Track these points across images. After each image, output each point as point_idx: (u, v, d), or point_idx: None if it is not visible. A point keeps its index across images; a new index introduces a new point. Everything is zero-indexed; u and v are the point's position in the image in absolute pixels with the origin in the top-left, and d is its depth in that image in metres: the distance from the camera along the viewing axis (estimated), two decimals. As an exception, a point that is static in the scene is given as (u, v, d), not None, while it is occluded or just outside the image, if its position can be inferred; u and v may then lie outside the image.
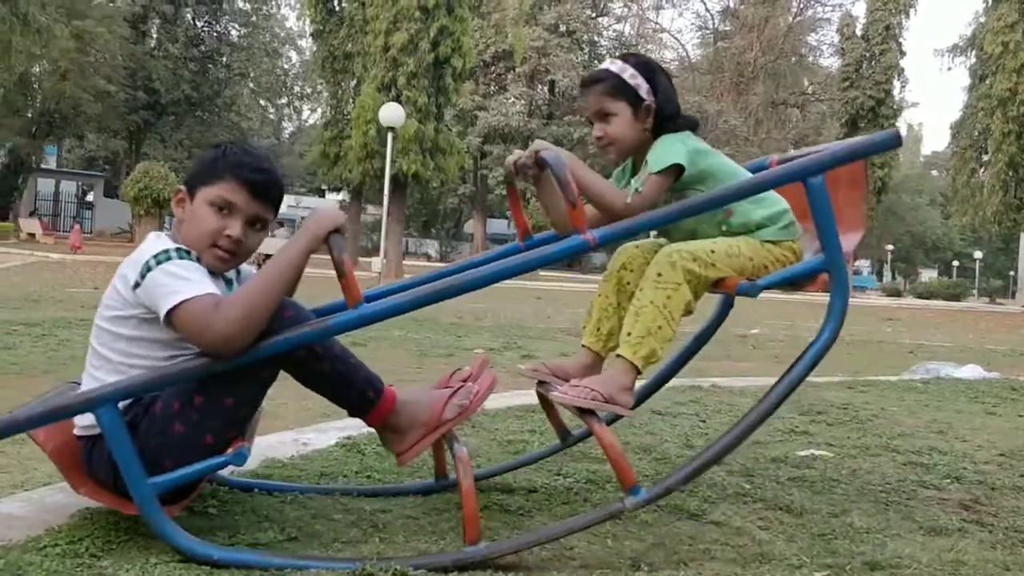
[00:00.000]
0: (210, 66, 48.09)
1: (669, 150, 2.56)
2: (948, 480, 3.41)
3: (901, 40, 48.68)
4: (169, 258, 2.20)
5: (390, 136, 22.84)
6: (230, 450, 2.23)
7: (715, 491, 3.08)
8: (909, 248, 76.20)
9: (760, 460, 3.59)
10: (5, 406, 4.20)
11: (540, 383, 2.78)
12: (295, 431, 3.56)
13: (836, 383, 6.35)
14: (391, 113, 22.82)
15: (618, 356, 2.50)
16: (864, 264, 71.76)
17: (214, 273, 2.33)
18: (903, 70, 49.13)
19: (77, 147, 52.31)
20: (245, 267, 2.55)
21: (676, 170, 2.54)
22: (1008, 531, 2.77)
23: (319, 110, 53.27)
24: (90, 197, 51.33)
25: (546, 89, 56.53)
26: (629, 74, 2.65)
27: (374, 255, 34.09)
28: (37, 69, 37.47)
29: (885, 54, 47.43)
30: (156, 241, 2.29)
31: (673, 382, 3.44)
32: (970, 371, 7.61)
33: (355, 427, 3.73)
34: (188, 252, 2.26)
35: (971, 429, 4.64)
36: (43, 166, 46.35)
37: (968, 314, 32.82)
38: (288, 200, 67.68)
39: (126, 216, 36.76)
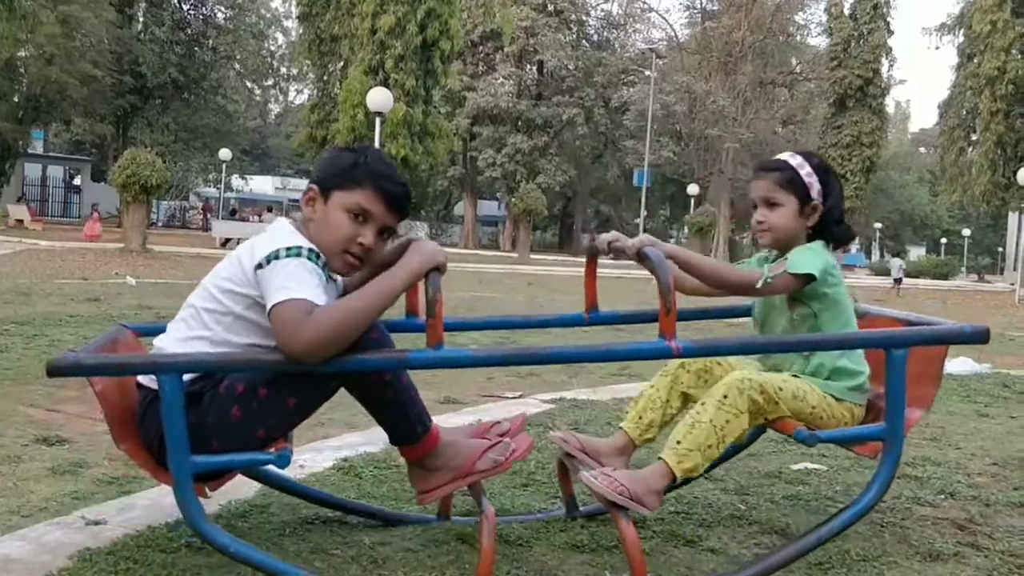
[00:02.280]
0: (196, 49, 47.69)
1: (811, 259, 2.63)
2: (942, 496, 3.43)
3: (889, 19, 48.66)
4: (300, 255, 2.21)
5: (378, 121, 22.78)
6: (273, 449, 2.25)
7: (710, 513, 3.10)
8: (898, 226, 76.39)
9: (754, 475, 3.61)
10: (2, 418, 4.20)
11: (566, 455, 2.79)
12: (295, 451, 3.55)
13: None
14: (379, 98, 22.74)
15: (660, 459, 2.51)
16: (853, 243, 71.89)
17: (330, 278, 2.34)
18: (891, 49, 49.16)
19: (64, 131, 51.96)
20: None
21: (808, 279, 2.60)
22: (1004, 555, 2.79)
23: (306, 91, 53.03)
24: (77, 181, 51.10)
25: (535, 69, 56.31)
26: (806, 172, 2.73)
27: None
28: (23, 54, 37.13)
29: (873, 33, 47.39)
30: (292, 233, 2.29)
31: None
32: (961, 364, 7.64)
33: (350, 447, 3.74)
34: (318, 256, 2.26)
35: (964, 434, 4.66)
36: (30, 151, 46.05)
37: (957, 293, 32.99)
38: (275, 182, 67.75)
39: (114, 200, 36.59)
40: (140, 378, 2.34)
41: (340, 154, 2.44)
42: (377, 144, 22.84)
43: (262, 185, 66.55)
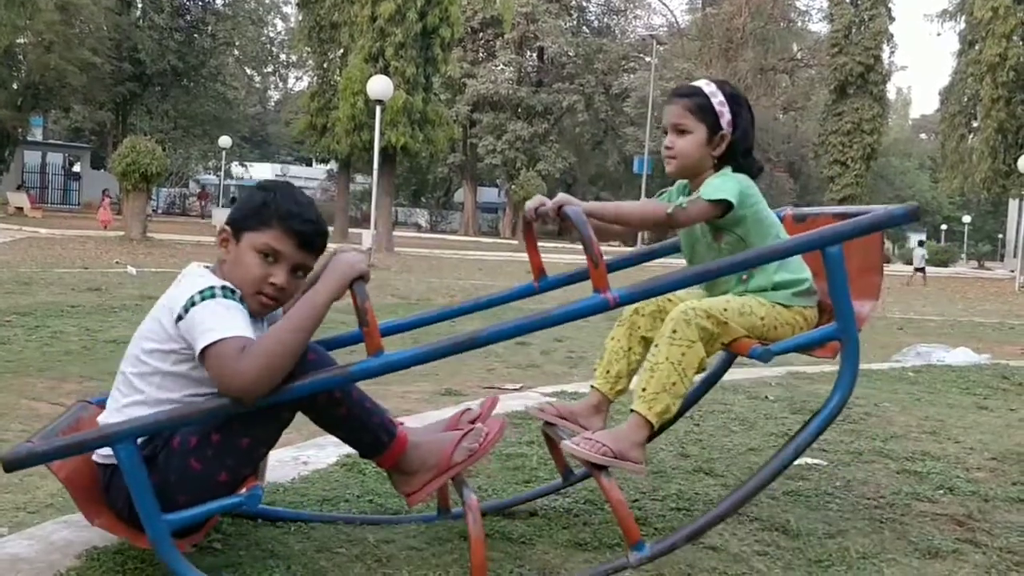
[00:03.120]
0: (195, 36, 47.57)
1: (725, 185, 2.63)
2: (941, 491, 3.45)
3: (890, 5, 48.49)
4: (214, 296, 2.21)
5: (378, 109, 22.74)
6: (244, 489, 2.26)
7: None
8: (898, 212, 76.21)
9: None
10: (5, 412, 4.23)
11: (547, 424, 2.84)
12: (294, 448, 3.58)
13: (828, 373, 6.38)
14: (379, 86, 22.71)
15: (632, 411, 2.54)
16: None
17: (254, 317, 2.34)
18: (892, 35, 49.01)
19: (63, 118, 51.87)
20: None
21: (724, 206, 2.61)
22: (1002, 552, 2.81)
23: (305, 78, 52.89)
24: (77, 168, 51.03)
25: (535, 56, 56.21)
26: (718, 100, 2.73)
27: (363, 225, 34.08)
28: (22, 41, 37.05)
29: (874, 19, 47.23)
30: (201, 276, 2.31)
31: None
32: (961, 355, 7.68)
33: (354, 443, 3.76)
34: (233, 291, 2.26)
35: (963, 428, 4.68)
36: (29, 138, 45.99)
37: (957, 281, 33.00)
38: (275, 169, 67.63)
39: (114, 188, 36.55)
40: (96, 456, 2.34)
41: (252, 194, 2.44)
42: (377, 132, 22.82)
43: (262, 172, 66.41)
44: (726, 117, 2.72)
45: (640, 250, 3.35)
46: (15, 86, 38.98)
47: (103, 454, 2.32)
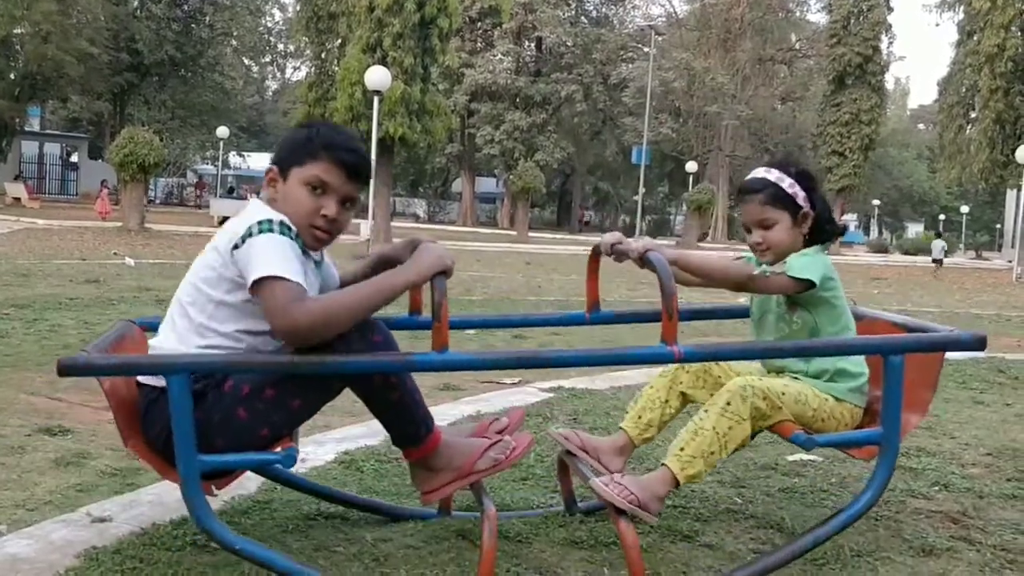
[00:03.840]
0: (193, 26, 47.47)
1: (811, 264, 2.66)
2: (937, 488, 3.48)
3: (889, -5, 48.43)
4: (271, 230, 2.22)
5: (376, 100, 22.71)
6: (279, 448, 2.28)
7: (707, 507, 3.14)
8: (896, 202, 76.37)
9: (750, 468, 3.65)
10: (3, 407, 4.23)
11: (567, 453, 2.85)
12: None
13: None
14: (377, 76, 22.67)
15: (664, 465, 2.56)
16: (851, 219, 71.93)
17: (306, 253, 2.35)
18: (891, 26, 48.97)
19: (60, 109, 51.80)
20: (327, 259, 2.56)
21: (807, 284, 2.63)
22: (996, 550, 2.83)
23: (303, 68, 52.77)
24: (74, 159, 50.96)
25: (533, 46, 56.10)
26: (787, 184, 2.74)
27: (361, 216, 34.00)
28: (19, 31, 36.98)
29: (873, 10, 47.17)
30: (261, 209, 2.31)
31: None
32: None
33: (351, 440, 3.78)
34: (290, 228, 2.27)
35: (959, 423, 4.71)
36: (27, 129, 45.92)
37: (954, 271, 33.00)
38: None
39: (112, 178, 36.51)
40: (141, 376, 2.36)
41: (295, 132, 2.47)
42: (375, 123, 22.80)
43: (260, 162, 66.21)
44: (801, 195, 2.74)
45: (703, 307, 3.42)
46: (12, 76, 38.96)
47: (151, 376, 2.33)
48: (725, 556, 2.70)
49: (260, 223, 2.22)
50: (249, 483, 3.09)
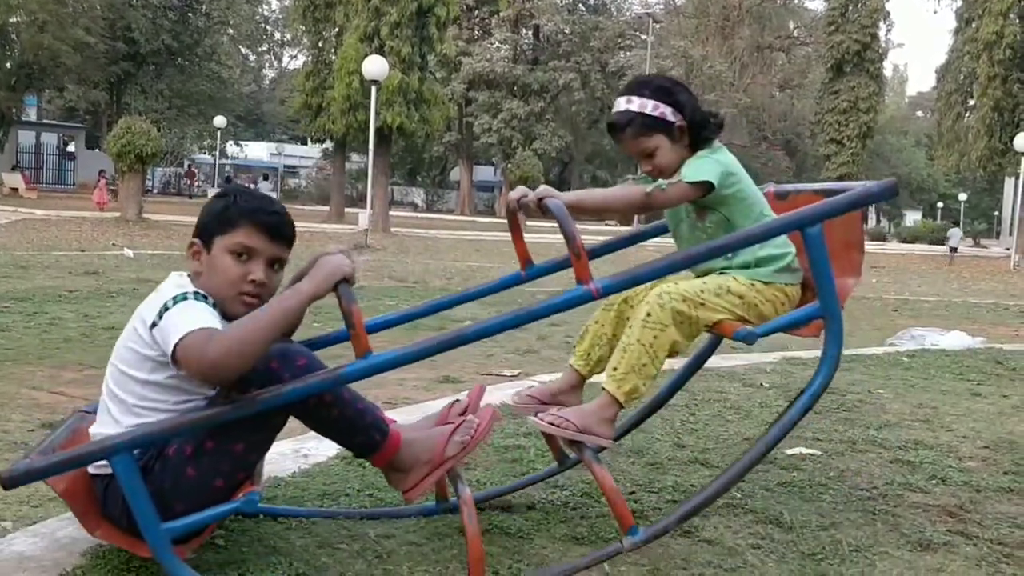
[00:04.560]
0: (189, 15, 47.34)
1: (703, 167, 2.64)
2: (934, 481, 3.50)
3: (887, -18, 48.33)
4: (186, 298, 2.24)
5: (374, 90, 22.69)
6: (240, 495, 2.28)
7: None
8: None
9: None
10: (5, 401, 4.25)
11: (534, 412, 2.85)
12: (294, 440, 3.60)
13: (823, 359, 6.42)
14: (374, 66, 22.65)
15: (602, 389, 2.59)
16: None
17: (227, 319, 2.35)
18: (888, 13, 48.89)
19: (57, 98, 51.69)
20: None
21: (706, 186, 2.63)
22: (992, 544, 2.86)
23: (300, 56, 52.64)
24: (71, 148, 50.87)
25: (531, 34, 56.01)
26: (651, 107, 2.71)
27: (359, 205, 33.97)
28: (15, 20, 36.86)
29: (871, -3, 47.09)
30: (175, 283, 2.32)
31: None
32: (955, 339, 7.72)
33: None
34: (205, 297, 2.28)
35: (956, 415, 4.73)
36: (23, 118, 45.82)
37: (949, 259, 33.02)
38: (270, 148, 67.40)
39: (109, 168, 36.47)
40: (91, 468, 2.35)
41: (212, 203, 2.45)
42: (373, 112, 22.79)
43: (257, 151, 66.29)
44: (668, 111, 2.70)
45: (625, 234, 3.29)
46: (8, 65, 38.87)
47: (97, 464, 2.33)
48: (724, 551, 2.72)
49: (175, 297, 2.23)
50: (252, 479, 3.11)
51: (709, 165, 2.64)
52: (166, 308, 2.22)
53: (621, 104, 2.76)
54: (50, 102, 53.79)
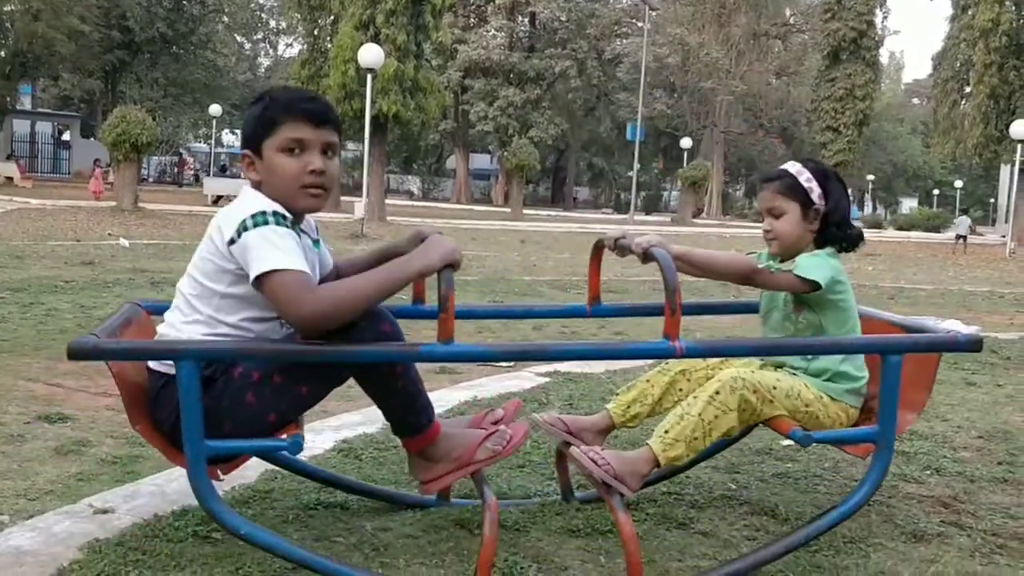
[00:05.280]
0: (184, 3, 47.17)
1: (820, 265, 2.69)
2: (928, 472, 3.52)
3: (884, -31, 48.22)
4: (267, 222, 2.21)
5: (369, 78, 22.62)
6: (285, 435, 2.32)
7: (702, 493, 3.18)
8: (890, 177, 76.31)
9: (745, 452, 3.69)
10: (2, 393, 4.25)
11: (564, 442, 2.87)
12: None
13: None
14: (370, 55, 22.56)
15: (647, 444, 2.59)
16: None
17: (303, 233, 2.37)
18: (885, 0, 48.74)
19: (52, 87, 51.53)
20: (324, 245, 2.58)
21: (813, 285, 2.66)
22: (986, 535, 2.88)
23: (296, 44, 52.52)
24: (66, 137, 50.72)
25: (527, 21, 55.85)
26: (805, 177, 2.80)
27: (355, 194, 33.94)
28: (9, 8, 36.71)
29: (868, -16, 46.97)
30: (254, 199, 2.30)
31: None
32: (950, 328, 7.72)
33: (350, 428, 3.81)
34: (285, 218, 2.27)
35: (951, 405, 4.75)
36: (18, 107, 45.67)
37: (948, 247, 33.04)
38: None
39: (104, 156, 36.38)
40: (152, 363, 2.38)
41: (249, 111, 2.44)
42: (368, 101, 22.72)
43: (253, 140, 65.99)
44: (816, 192, 2.78)
45: (705, 301, 3.43)
46: (3, 54, 38.72)
47: (161, 362, 2.35)
48: (720, 543, 2.73)
49: (254, 216, 2.21)
50: (249, 472, 3.12)
51: (824, 266, 2.68)
52: (245, 227, 2.21)
53: (786, 165, 2.87)
54: (45, 91, 53.60)
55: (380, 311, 2.34)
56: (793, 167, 2.84)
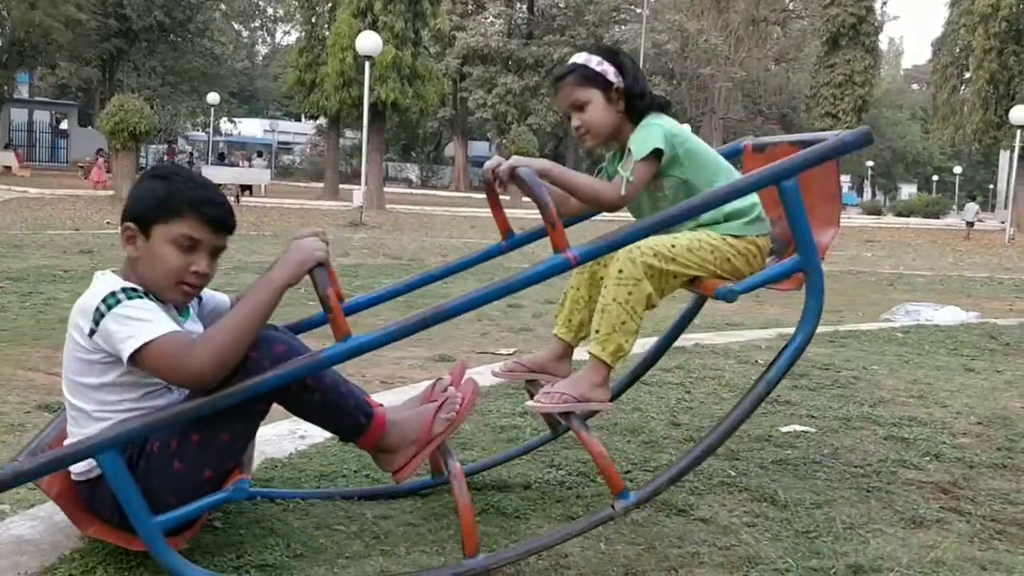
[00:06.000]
0: (181, -9, 47.10)
1: (648, 135, 2.64)
2: (928, 458, 3.52)
3: (883, -46, 48.09)
4: (119, 300, 2.18)
5: (367, 66, 22.57)
6: (230, 484, 2.29)
7: (701, 480, 3.18)
8: (889, 163, 76.25)
9: (744, 439, 3.69)
10: (2, 383, 4.25)
11: (528, 382, 2.88)
12: (291, 421, 3.61)
13: (818, 335, 6.43)
14: (368, 42, 22.51)
15: (589, 354, 2.60)
16: (845, 180, 71.83)
17: (164, 303, 2.32)
18: (885, -15, 48.58)
19: (49, 75, 51.41)
20: (206, 291, 2.54)
21: (658, 154, 2.63)
22: (985, 520, 2.88)
23: (293, 32, 52.38)
24: (64, 126, 50.63)
25: (525, 7, 55.72)
26: (596, 62, 2.74)
27: (353, 182, 33.91)
28: (5, -3, 36.63)
29: (867, -31, 46.86)
30: (102, 283, 2.26)
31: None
32: (949, 315, 7.75)
33: (350, 415, 3.80)
34: (135, 290, 2.23)
35: (950, 391, 4.76)
36: (15, 96, 45.56)
37: (947, 233, 33.09)
38: (264, 124, 67.10)
39: (102, 145, 36.33)
40: (73, 475, 2.35)
41: (151, 184, 2.34)
42: (367, 88, 22.68)
43: (251, 128, 66.03)
44: (611, 71, 2.72)
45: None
46: (0, 43, 38.57)
47: (78, 471, 2.32)
48: (719, 529, 2.74)
49: (104, 300, 2.18)
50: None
51: (651, 132, 2.65)
52: (100, 315, 2.18)
53: (573, 58, 2.81)
54: (42, 79, 53.49)
55: (268, 335, 2.29)
56: (580, 57, 2.78)
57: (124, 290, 2.21)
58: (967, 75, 40.50)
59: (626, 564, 2.47)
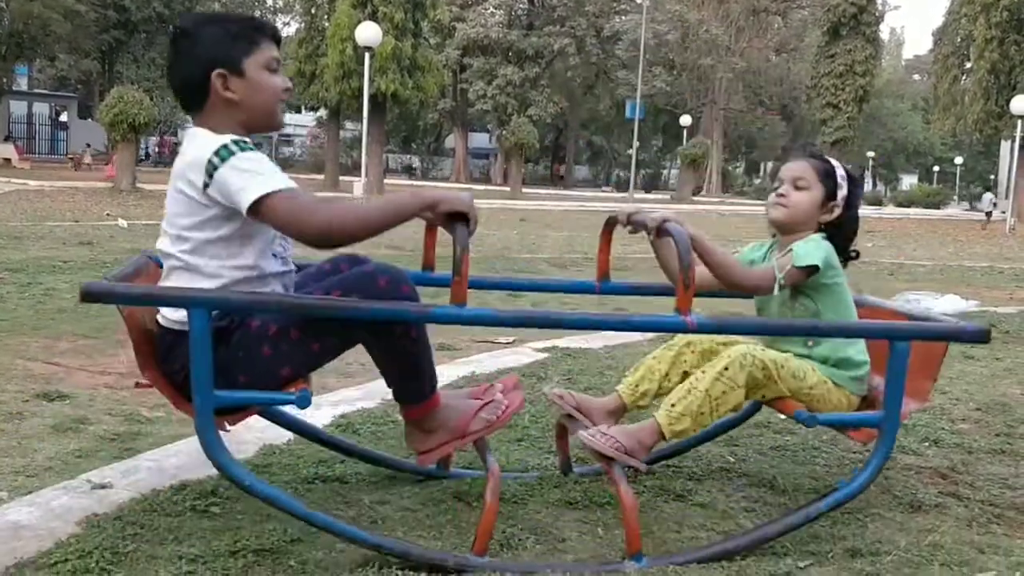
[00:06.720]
0: (180, -19, 47.00)
1: (815, 250, 2.69)
2: (927, 444, 3.53)
3: (884, -56, 47.94)
4: (232, 152, 2.19)
5: (367, 56, 22.55)
6: (295, 389, 2.31)
7: (700, 466, 3.18)
8: (890, 154, 76.17)
9: (743, 425, 3.67)
10: (0, 372, 4.25)
11: (566, 416, 2.88)
12: (288, 409, 3.61)
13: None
14: (368, 32, 22.51)
15: (654, 418, 2.60)
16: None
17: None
18: (885, -25, 48.47)
19: (48, 67, 51.33)
20: None
21: (812, 270, 2.66)
22: (983, 505, 2.88)
23: (293, 23, 52.26)
24: (64, 118, 50.57)
25: (525, -2, 55.62)
26: (841, 174, 2.81)
27: (354, 173, 33.91)
28: (3, -12, 36.56)
29: (868, -41, 46.71)
30: (206, 138, 2.26)
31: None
32: (949, 303, 7.74)
33: (348, 403, 3.81)
34: (245, 142, 2.25)
35: (949, 378, 4.75)
36: (14, 88, 45.51)
37: (948, 223, 33.08)
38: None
39: (102, 137, 36.30)
40: (162, 319, 2.37)
41: (208, 32, 2.36)
42: (366, 80, 22.66)
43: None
44: (842, 192, 2.78)
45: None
46: (-2, 35, 38.53)
47: (172, 319, 2.33)
48: (717, 515, 2.74)
49: (217, 152, 2.18)
50: (248, 447, 3.13)
51: (819, 250, 2.68)
52: (214, 167, 2.18)
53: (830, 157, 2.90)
54: (41, 71, 53.39)
55: (402, 273, 2.34)
56: (833, 162, 2.84)
57: (235, 142, 2.22)
58: (968, 65, 40.36)
59: (624, 548, 2.46)
